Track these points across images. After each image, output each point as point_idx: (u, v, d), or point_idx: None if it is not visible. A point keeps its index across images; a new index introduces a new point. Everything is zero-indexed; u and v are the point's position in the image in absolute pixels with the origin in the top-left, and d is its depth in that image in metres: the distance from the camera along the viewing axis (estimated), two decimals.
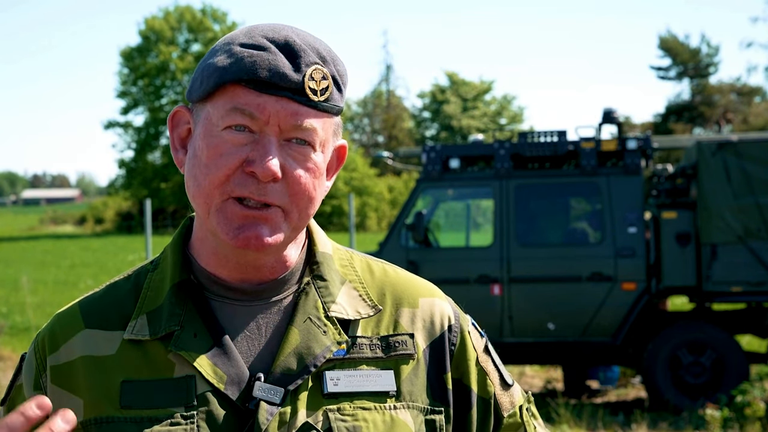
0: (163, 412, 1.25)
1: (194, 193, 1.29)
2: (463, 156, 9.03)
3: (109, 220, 52.42)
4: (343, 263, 1.40)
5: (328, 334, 1.30)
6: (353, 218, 13.99)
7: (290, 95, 1.24)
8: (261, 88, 1.24)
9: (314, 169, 1.28)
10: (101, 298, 1.36)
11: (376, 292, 1.38)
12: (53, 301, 16.00)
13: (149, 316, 1.31)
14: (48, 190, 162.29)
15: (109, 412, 1.26)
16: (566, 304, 8.57)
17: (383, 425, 1.28)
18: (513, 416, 1.42)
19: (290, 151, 1.26)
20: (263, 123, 1.24)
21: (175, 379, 1.26)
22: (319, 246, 1.38)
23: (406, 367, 1.33)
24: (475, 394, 1.39)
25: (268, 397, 1.24)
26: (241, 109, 1.24)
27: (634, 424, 7.80)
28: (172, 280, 1.33)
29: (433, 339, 1.37)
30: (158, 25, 49.95)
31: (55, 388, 1.30)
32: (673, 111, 41.15)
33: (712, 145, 8.41)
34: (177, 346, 1.27)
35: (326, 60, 1.28)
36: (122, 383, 1.27)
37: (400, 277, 1.42)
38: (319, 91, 1.26)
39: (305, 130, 1.26)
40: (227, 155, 1.25)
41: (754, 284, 8.32)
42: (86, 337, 1.32)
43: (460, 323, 1.41)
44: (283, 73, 1.24)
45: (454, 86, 56.63)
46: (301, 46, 1.26)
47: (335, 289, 1.35)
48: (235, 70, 1.24)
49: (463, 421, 1.38)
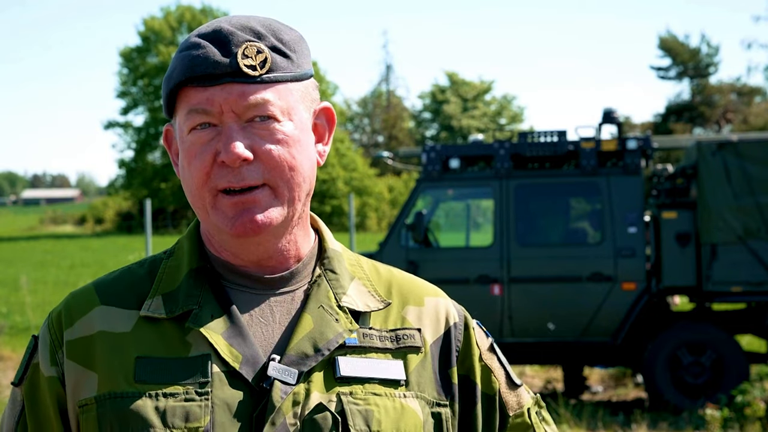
0: (179, 387, 1.26)
1: (190, 199, 1.34)
2: (463, 156, 9.03)
3: (109, 220, 52.41)
4: (351, 262, 1.44)
5: (340, 322, 1.33)
6: (353, 218, 13.99)
7: (231, 79, 1.27)
8: (203, 82, 1.28)
9: (285, 140, 1.30)
10: (116, 280, 1.38)
11: (383, 290, 1.42)
12: (53, 301, 15.99)
13: (165, 297, 1.33)
14: (48, 190, 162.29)
15: (123, 388, 1.27)
16: (566, 304, 8.56)
17: (394, 411, 1.31)
18: (520, 416, 1.44)
19: (255, 130, 1.29)
20: (218, 114, 1.28)
21: (190, 358, 1.28)
22: (329, 243, 1.42)
23: (414, 359, 1.36)
24: (479, 389, 1.41)
25: (283, 377, 1.27)
26: (195, 109, 1.29)
27: (634, 424, 7.80)
28: (189, 266, 1.36)
29: (439, 335, 1.40)
30: (158, 25, 49.92)
31: (71, 363, 1.31)
32: (673, 111, 41.13)
33: (712, 145, 8.41)
34: (195, 322, 1.29)
35: (262, 34, 1.30)
36: (137, 359, 1.29)
37: (405, 278, 1.46)
38: (257, 65, 1.28)
39: (259, 106, 1.28)
40: (199, 155, 1.30)
41: (754, 284, 8.32)
42: (102, 313, 1.33)
43: (465, 321, 1.44)
44: (214, 62, 1.27)
45: (454, 86, 56.61)
46: (228, 30, 1.29)
47: (346, 283, 1.39)
48: (177, 76, 1.30)
49: (469, 416, 1.40)
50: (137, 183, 48.53)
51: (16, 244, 39.14)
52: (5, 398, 8.69)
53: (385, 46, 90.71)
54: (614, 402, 9.31)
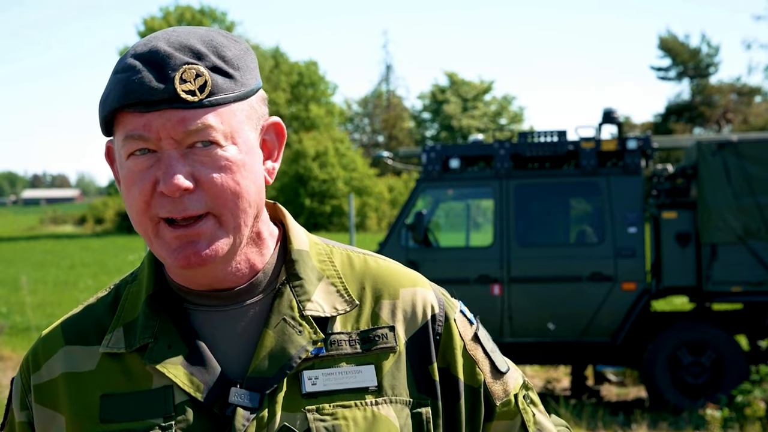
0: (142, 424, 1.25)
1: (134, 225, 1.28)
2: (463, 156, 9.02)
3: (109, 220, 52.41)
4: (321, 258, 1.37)
5: (303, 334, 1.28)
6: (353, 218, 13.99)
7: (168, 105, 1.20)
8: (140, 108, 1.21)
9: (228, 166, 1.23)
10: (82, 315, 1.36)
11: (355, 286, 1.36)
12: (53, 301, 16.00)
13: (126, 328, 1.31)
14: (48, 190, 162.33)
15: (89, 428, 1.27)
16: (566, 304, 8.56)
17: (364, 422, 1.27)
18: (507, 404, 1.40)
19: (196, 156, 1.22)
20: (157, 140, 1.21)
21: (153, 390, 1.26)
22: (294, 244, 1.36)
23: (387, 362, 1.31)
24: (462, 383, 1.36)
25: (244, 403, 1.24)
26: (131, 135, 1.22)
27: (634, 424, 7.80)
28: (147, 291, 1.32)
29: (415, 330, 1.34)
30: (158, 25, 49.93)
31: (39, 407, 1.31)
32: (673, 111, 41.10)
33: (712, 145, 8.40)
34: (151, 358, 1.27)
35: (202, 54, 1.23)
36: (101, 397, 1.28)
37: (381, 268, 1.39)
38: (197, 90, 1.21)
39: (199, 132, 1.21)
40: (138, 182, 1.23)
41: (754, 284, 8.31)
42: (66, 353, 1.32)
43: (445, 311, 1.38)
44: (150, 88, 1.20)
45: (454, 86, 56.60)
46: (166, 52, 1.21)
47: (311, 287, 1.33)
48: (112, 100, 1.23)
49: (453, 411, 1.36)
50: None
51: (16, 244, 39.15)
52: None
53: (385, 46, 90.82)
54: (614, 402, 9.31)
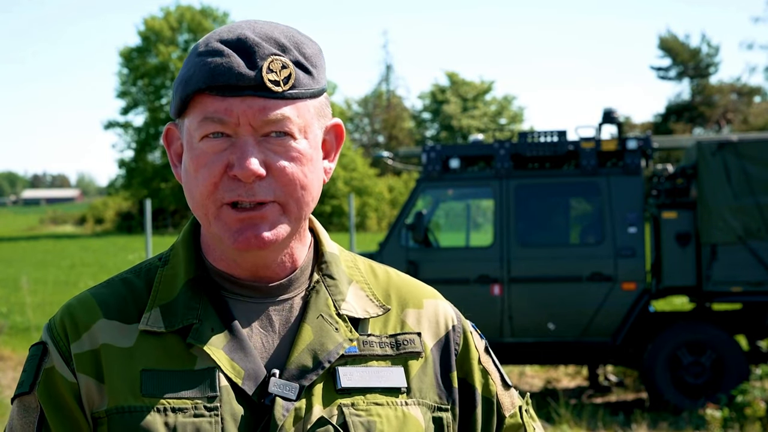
0: (187, 402, 1.25)
1: (192, 205, 1.31)
2: (463, 156, 9.02)
3: (109, 220, 52.42)
4: (348, 264, 1.41)
5: (340, 331, 1.32)
6: (353, 218, 13.99)
7: (252, 92, 1.24)
8: (223, 92, 1.24)
9: (299, 158, 1.27)
10: (116, 291, 1.35)
11: (381, 293, 1.40)
12: (53, 301, 16.00)
13: (162, 309, 1.31)
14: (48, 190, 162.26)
15: (130, 401, 1.26)
16: (566, 304, 8.57)
17: (396, 420, 1.30)
18: (514, 416, 1.44)
19: (270, 145, 1.26)
20: (235, 125, 1.25)
21: (196, 372, 1.27)
22: (326, 246, 1.40)
23: (415, 364, 1.35)
24: (479, 393, 1.41)
25: (284, 393, 1.26)
26: (211, 117, 1.25)
27: (634, 424, 7.80)
28: (186, 276, 1.33)
29: (439, 338, 1.39)
30: (158, 25, 49.92)
31: (82, 376, 1.29)
32: (673, 111, 41.11)
33: (712, 145, 8.41)
34: (197, 339, 1.28)
35: (286, 48, 1.27)
36: (142, 371, 1.27)
37: (403, 279, 1.44)
38: (281, 81, 1.25)
39: (278, 122, 1.25)
40: (209, 164, 1.26)
41: (754, 284, 8.32)
42: (105, 326, 1.31)
43: (462, 324, 1.43)
44: (238, 73, 1.24)
45: (454, 86, 56.57)
46: (254, 41, 1.25)
47: (344, 288, 1.37)
48: (196, 81, 1.26)
49: (468, 420, 1.40)
50: (137, 183, 48.54)
51: (16, 244, 39.14)
52: (5, 398, 8.67)
53: (385, 46, 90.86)
54: (614, 402, 9.31)
